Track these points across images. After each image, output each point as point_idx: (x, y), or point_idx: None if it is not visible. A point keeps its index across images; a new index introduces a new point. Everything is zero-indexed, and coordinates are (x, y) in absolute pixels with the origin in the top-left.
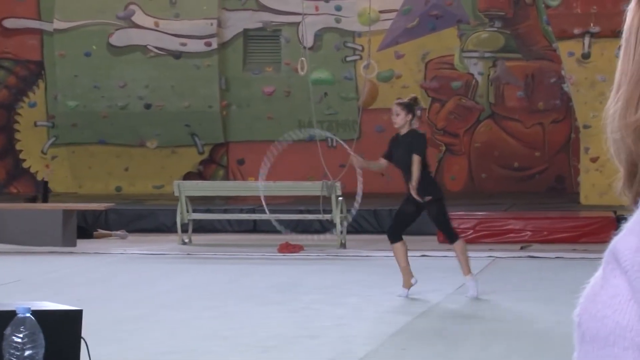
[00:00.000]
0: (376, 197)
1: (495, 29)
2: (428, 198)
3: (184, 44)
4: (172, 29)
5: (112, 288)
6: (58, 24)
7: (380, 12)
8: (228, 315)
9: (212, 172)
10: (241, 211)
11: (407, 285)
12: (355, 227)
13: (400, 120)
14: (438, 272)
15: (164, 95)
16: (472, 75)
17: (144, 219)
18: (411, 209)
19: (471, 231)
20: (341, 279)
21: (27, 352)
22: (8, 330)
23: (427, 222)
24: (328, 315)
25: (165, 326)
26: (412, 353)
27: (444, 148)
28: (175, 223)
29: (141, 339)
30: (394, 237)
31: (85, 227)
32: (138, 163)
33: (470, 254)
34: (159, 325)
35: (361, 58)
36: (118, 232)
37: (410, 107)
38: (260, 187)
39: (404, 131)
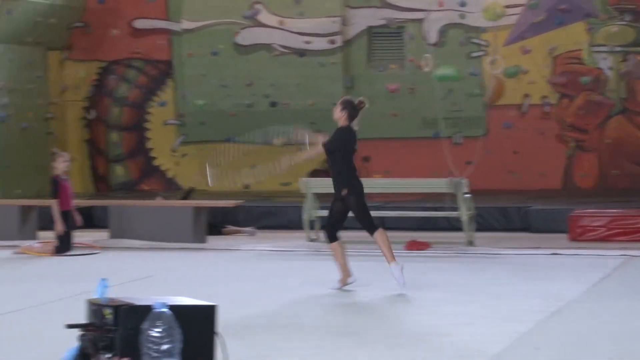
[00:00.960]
0: (504, 194)
1: (626, 23)
2: (344, 192)
3: (308, 42)
4: (296, 28)
5: (243, 284)
6: (186, 24)
7: (506, 7)
8: (356, 312)
9: None
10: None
11: (344, 282)
12: (484, 225)
13: (335, 115)
14: (570, 271)
15: (289, 94)
16: (602, 70)
17: (272, 216)
18: (338, 205)
19: (604, 229)
20: (469, 276)
21: (164, 347)
22: (145, 325)
23: (557, 220)
24: (457, 312)
25: (295, 322)
26: (546, 353)
27: (573, 144)
28: (302, 220)
29: (270, 335)
30: (331, 238)
31: (215, 224)
32: (265, 160)
33: (603, 252)
34: (290, 322)
35: (487, 54)
36: (247, 229)
37: (347, 104)
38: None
39: (338, 126)
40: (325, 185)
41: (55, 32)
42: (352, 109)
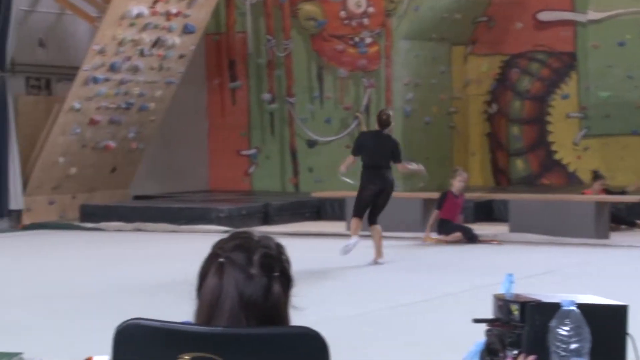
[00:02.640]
0: None
1: None
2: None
3: None
4: None
5: None
6: (592, 15)
7: None
8: None
9: None
10: None
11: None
12: None
13: None
14: None
15: None
16: None
17: None
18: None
19: None
20: None
21: (572, 346)
22: (553, 323)
23: None
24: None
25: None
26: None
27: None
28: None
29: None
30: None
31: (622, 217)
32: None
33: None
34: None
35: None
36: None
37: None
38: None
39: None
40: None
41: (460, 27)
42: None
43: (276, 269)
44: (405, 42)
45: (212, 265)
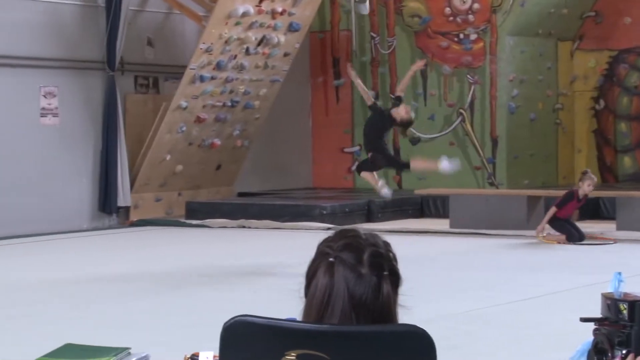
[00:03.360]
0: None
1: None
2: None
3: None
4: None
5: None
6: None
7: None
8: None
9: None
10: None
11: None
12: None
13: None
14: None
15: None
16: None
17: None
18: None
19: None
20: None
21: None
22: None
23: None
24: None
25: None
26: None
27: None
28: None
29: None
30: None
31: None
32: None
33: None
34: None
35: None
36: None
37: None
38: None
39: None
40: None
41: (567, 22)
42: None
43: (385, 268)
44: (510, 38)
45: (322, 264)
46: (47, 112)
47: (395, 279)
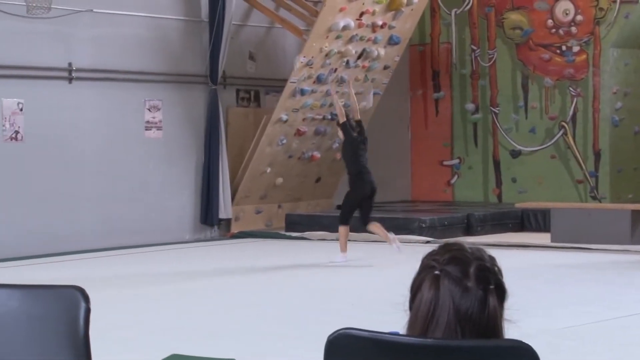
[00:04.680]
0: None
1: None
2: None
3: None
4: None
5: None
6: None
7: None
8: None
9: None
10: None
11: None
12: None
13: None
14: None
15: None
16: None
17: None
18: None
19: None
20: None
21: None
22: None
23: None
24: None
25: None
26: None
27: None
28: None
29: None
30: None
31: None
32: None
33: None
34: None
35: None
36: None
37: None
38: None
39: None
40: None
41: None
42: None
43: (491, 282)
44: (614, 50)
45: (427, 277)
46: (152, 125)
47: (501, 292)
